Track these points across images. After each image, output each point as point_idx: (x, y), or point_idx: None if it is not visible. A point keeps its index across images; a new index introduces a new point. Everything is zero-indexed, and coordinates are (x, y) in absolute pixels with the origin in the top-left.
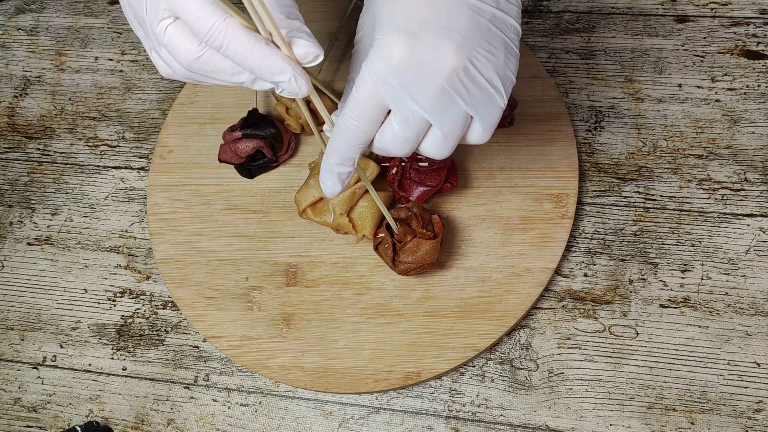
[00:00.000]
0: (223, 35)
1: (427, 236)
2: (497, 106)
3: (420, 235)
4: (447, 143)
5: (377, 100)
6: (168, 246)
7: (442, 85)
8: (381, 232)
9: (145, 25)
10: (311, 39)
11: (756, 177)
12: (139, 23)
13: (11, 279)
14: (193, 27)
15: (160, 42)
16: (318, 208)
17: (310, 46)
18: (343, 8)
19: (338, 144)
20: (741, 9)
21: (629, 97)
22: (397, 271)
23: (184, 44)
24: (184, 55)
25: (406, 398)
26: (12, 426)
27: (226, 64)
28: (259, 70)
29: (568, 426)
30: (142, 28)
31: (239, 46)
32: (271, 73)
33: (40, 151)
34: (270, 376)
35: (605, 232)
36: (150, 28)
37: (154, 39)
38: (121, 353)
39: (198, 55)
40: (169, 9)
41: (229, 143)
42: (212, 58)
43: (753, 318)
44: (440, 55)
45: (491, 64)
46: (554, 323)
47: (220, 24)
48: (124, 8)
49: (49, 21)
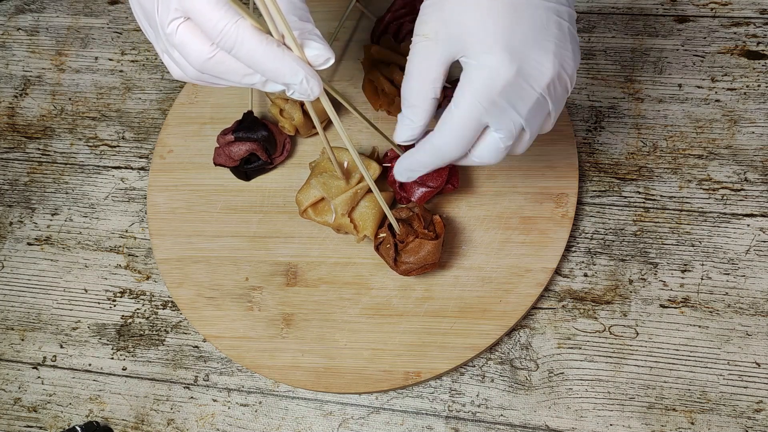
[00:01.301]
0: (234, 37)
1: (429, 237)
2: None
3: (422, 235)
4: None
5: (478, 119)
6: (168, 246)
7: (541, 93)
8: (382, 232)
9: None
10: (323, 42)
11: (756, 177)
12: (149, 24)
13: (11, 279)
14: (205, 28)
15: (171, 42)
16: (319, 208)
17: (322, 48)
18: (343, 8)
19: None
20: (741, 9)
21: (629, 97)
22: (399, 271)
23: (196, 45)
24: (195, 56)
25: (406, 398)
26: (12, 426)
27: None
28: (270, 72)
29: (568, 426)
30: (153, 30)
31: (251, 48)
32: (283, 75)
33: (40, 151)
34: (270, 376)
35: (605, 232)
36: (161, 29)
37: (165, 40)
38: (121, 353)
39: (210, 56)
40: (181, 9)
41: (223, 146)
42: (224, 58)
43: (753, 318)
44: (542, 68)
45: (573, 63)
46: (554, 323)
47: (232, 26)
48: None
49: (49, 21)
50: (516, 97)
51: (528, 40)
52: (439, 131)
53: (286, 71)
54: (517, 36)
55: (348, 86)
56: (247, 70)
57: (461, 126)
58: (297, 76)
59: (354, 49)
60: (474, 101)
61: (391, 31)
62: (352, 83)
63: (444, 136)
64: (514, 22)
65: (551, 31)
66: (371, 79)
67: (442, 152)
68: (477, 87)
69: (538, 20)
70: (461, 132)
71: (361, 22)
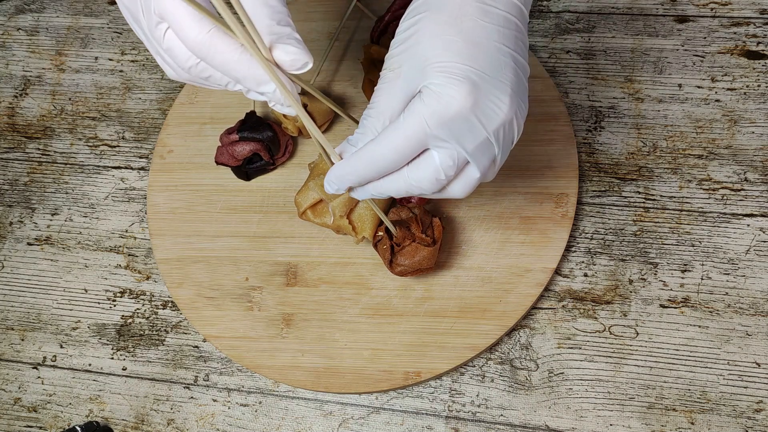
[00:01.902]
0: (207, 46)
1: (426, 242)
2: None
3: (419, 240)
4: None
5: (421, 140)
6: (168, 246)
7: (490, 134)
8: (381, 231)
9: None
10: (300, 45)
11: (756, 177)
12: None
13: (11, 279)
14: (180, 36)
15: (161, 46)
16: (318, 209)
17: (298, 52)
18: (343, 8)
19: (362, 167)
20: (741, 9)
21: (629, 97)
22: (393, 272)
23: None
24: (183, 60)
25: (406, 398)
26: (12, 426)
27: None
28: (244, 81)
29: (568, 426)
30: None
31: (225, 57)
32: (257, 83)
33: (40, 151)
34: (270, 376)
35: (605, 232)
36: (150, 33)
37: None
38: (121, 353)
39: (196, 62)
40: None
41: (226, 146)
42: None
43: (753, 318)
44: (498, 109)
45: (523, 115)
46: (554, 323)
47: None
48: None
49: (49, 21)
50: (463, 130)
51: (488, 79)
52: (378, 141)
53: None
54: (479, 72)
55: (348, 86)
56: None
57: (402, 140)
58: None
59: (354, 49)
60: (422, 121)
61: (391, 31)
62: (352, 83)
63: (382, 146)
64: (477, 59)
65: (509, 76)
66: (371, 79)
67: (376, 160)
68: (429, 109)
69: (497, 62)
70: (401, 145)
71: (361, 22)
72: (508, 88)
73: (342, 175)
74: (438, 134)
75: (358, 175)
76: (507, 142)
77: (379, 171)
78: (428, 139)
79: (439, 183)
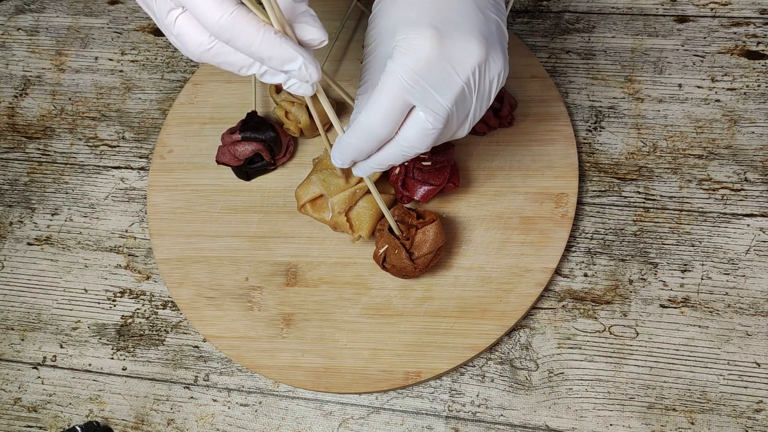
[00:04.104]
0: (231, 28)
1: (428, 222)
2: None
3: (420, 224)
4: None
5: (403, 98)
6: (168, 246)
7: (463, 80)
8: (381, 246)
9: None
10: (316, 23)
11: (756, 177)
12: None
13: (11, 279)
14: (200, 20)
15: (171, 32)
16: (317, 204)
17: (316, 32)
18: (344, 8)
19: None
20: (741, 9)
21: (629, 97)
22: (419, 269)
23: (195, 35)
24: (194, 47)
25: (406, 398)
26: (12, 426)
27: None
28: (269, 60)
29: (568, 426)
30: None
31: (248, 38)
32: (282, 62)
33: (40, 151)
34: (270, 376)
35: (605, 232)
36: (160, 19)
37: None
38: (121, 353)
39: (208, 47)
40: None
41: (228, 145)
42: (222, 49)
43: (753, 318)
44: (466, 51)
45: (501, 61)
46: (554, 323)
47: (227, 17)
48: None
49: (49, 21)
50: (438, 78)
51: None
52: (365, 110)
53: (285, 58)
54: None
55: (348, 86)
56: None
57: (386, 104)
58: (295, 62)
59: (354, 49)
60: (398, 79)
61: None
62: (352, 83)
63: (370, 115)
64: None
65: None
66: None
67: (368, 131)
68: (401, 65)
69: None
70: (386, 110)
71: (361, 22)
72: (476, 31)
73: (342, 149)
74: (415, 87)
75: (355, 147)
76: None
77: (375, 139)
78: (409, 96)
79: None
